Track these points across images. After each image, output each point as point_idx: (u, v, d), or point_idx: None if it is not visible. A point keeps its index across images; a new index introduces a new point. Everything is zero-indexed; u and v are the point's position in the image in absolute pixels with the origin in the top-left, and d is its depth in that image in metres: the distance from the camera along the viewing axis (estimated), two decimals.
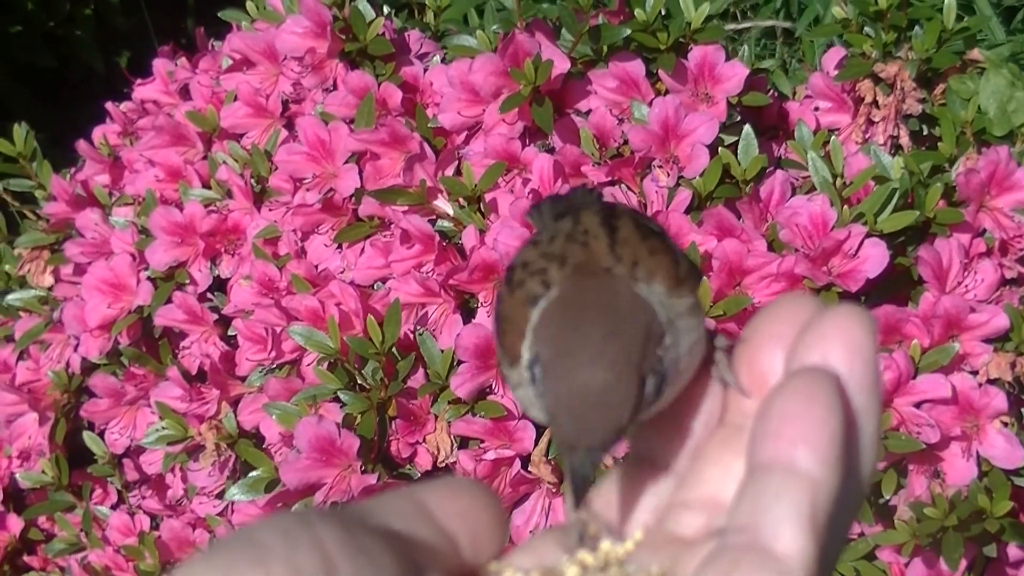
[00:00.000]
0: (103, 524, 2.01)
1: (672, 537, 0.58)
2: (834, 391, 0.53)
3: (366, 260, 1.81)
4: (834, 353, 0.54)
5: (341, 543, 0.50)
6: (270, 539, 0.50)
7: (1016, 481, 1.67)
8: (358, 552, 0.51)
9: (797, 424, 0.52)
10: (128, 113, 2.19)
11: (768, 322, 0.59)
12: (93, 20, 3.31)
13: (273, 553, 0.49)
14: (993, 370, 1.66)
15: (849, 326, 0.55)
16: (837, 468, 0.52)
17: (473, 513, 0.58)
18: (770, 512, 0.51)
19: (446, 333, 1.73)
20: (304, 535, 0.50)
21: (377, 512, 0.55)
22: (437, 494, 0.58)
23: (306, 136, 1.84)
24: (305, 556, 0.49)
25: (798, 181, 1.78)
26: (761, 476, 0.52)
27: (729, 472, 0.58)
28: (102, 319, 1.95)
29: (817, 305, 0.57)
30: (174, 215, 1.92)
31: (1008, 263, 1.71)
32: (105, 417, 1.99)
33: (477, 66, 1.78)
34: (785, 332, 0.57)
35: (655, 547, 0.58)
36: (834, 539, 0.54)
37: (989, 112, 1.78)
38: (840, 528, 0.55)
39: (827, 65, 1.88)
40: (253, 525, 0.51)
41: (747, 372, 0.59)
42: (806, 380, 0.53)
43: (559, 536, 0.61)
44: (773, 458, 0.52)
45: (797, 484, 0.51)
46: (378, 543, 0.52)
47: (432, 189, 1.77)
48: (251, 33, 2.00)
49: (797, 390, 0.53)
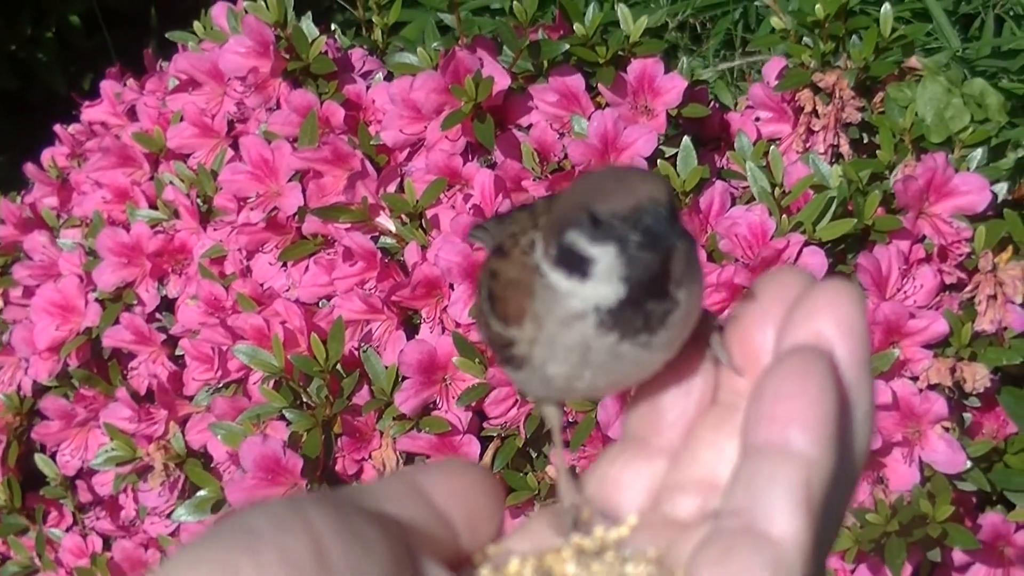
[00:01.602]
0: (56, 546, 2.01)
1: (667, 519, 0.58)
2: (827, 370, 0.53)
3: (310, 278, 1.81)
4: (825, 329, 0.54)
5: (333, 527, 0.50)
6: (261, 524, 0.50)
7: (958, 485, 1.68)
8: (350, 535, 0.51)
9: (791, 405, 0.52)
10: (76, 135, 2.19)
11: (757, 301, 0.58)
12: (55, 42, 3.31)
13: (264, 538, 0.49)
14: (933, 375, 1.67)
15: (838, 301, 0.55)
16: (832, 448, 0.52)
17: (470, 495, 0.58)
18: (765, 495, 0.52)
19: (390, 349, 1.73)
20: (295, 519, 0.50)
21: (372, 495, 0.55)
22: (434, 476, 0.58)
23: (249, 155, 1.85)
24: (296, 540, 0.49)
25: (738, 191, 1.78)
26: (755, 459, 0.53)
27: (722, 453, 0.58)
28: (51, 341, 1.95)
29: (806, 280, 0.57)
30: (121, 236, 1.92)
31: (947, 269, 1.72)
32: (57, 439, 1.99)
33: (419, 83, 1.79)
34: (776, 310, 0.57)
35: (651, 530, 0.58)
36: (830, 519, 0.54)
37: (927, 119, 1.79)
38: (837, 508, 0.55)
39: (768, 75, 1.89)
40: (245, 510, 0.51)
41: (740, 351, 0.59)
42: (799, 360, 0.53)
43: (552, 519, 0.61)
44: (767, 440, 0.53)
45: (792, 466, 0.52)
46: (371, 526, 0.52)
47: (374, 206, 1.77)
48: (196, 53, 2.00)
49: (790, 370, 0.53)
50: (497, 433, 1.71)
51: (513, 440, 1.69)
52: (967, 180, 1.74)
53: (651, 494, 0.61)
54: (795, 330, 0.55)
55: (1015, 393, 1.71)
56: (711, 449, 0.59)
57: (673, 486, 0.60)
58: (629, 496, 0.61)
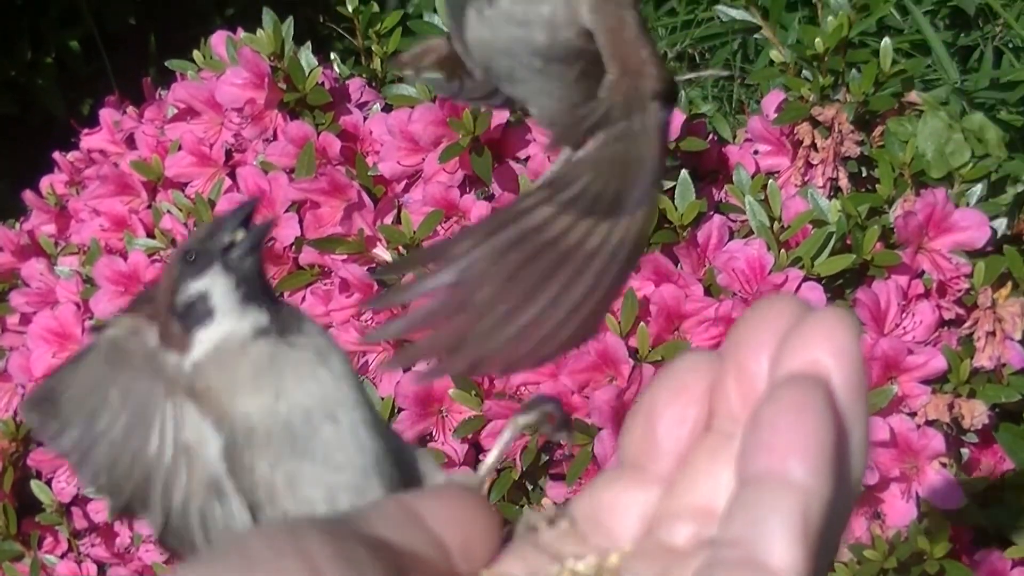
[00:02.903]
0: (51, 572, 2.00)
1: (663, 546, 0.57)
2: (824, 399, 0.51)
3: (307, 308, 1.80)
4: (820, 357, 0.53)
5: (328, 552, 0.50)
6: (256, 549, 0.49)
7: (955, 522, 1.67)
8: (345, 561, 0.50)
9: (788, 435, 0.51)
10: (75, 162, 2.19)
11: (752, 328, 0.57)
12: (55, 67, 3.31)
13: (261, 564, 0.48)
14: (931, 411, 1.66)
15: (833, 329, 0.53)
16: (829, 478, 0.51)
17: (465, 520, 0.58)
18: (763, 526, 0.50)
19: (386, 381, 1.73)
20: (290, 545, 0.49)
21: (366, 520, 0.54)
22: (429, 501, 0.57)
23: (246, 185, 1.85)
24: (292, 566, 0.48)
25: (736, 225, 1.78)
26: (753, 488, 0.52)
27: (719, 481, 0.56)
28: (47, 368, 1.94)
29: (800, 308, 0.55)
30: (118, 264, 1.92)
31: (946, 304, 1.71)
32: (52, 465, 1.98)
33: (416, 116, 1.79)
34: (770, 338, 0.55)
35: (646, 556, 0.57)
36: (827, 548, 0.53)
37: (927, 154, 1.79)
38: (832, 537, 0.54)
39: (767, 108, 1.89)
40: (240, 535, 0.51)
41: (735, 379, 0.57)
42: (795, 389, 0.52)
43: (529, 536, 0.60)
44: (765, 470, 0.51)
45: (790, 497, 0.51)
46: (366, 551, 0.51)
47: (371, 238, 1.77)
48: (195, 83, 2.00)
49: (787, 399, 0.52)
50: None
51: (509, 473, 1.69)
52: (967, 216, 1.73)
53: (646, 521, 0.60)
54: (790, 358, 0.54)
55: (1013, 430, 1.71)
56: (707, 477, 0.58)
57: (668, 513, 0.58)
58: (623, 522, 0.60)
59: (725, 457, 0.57)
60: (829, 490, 0.51)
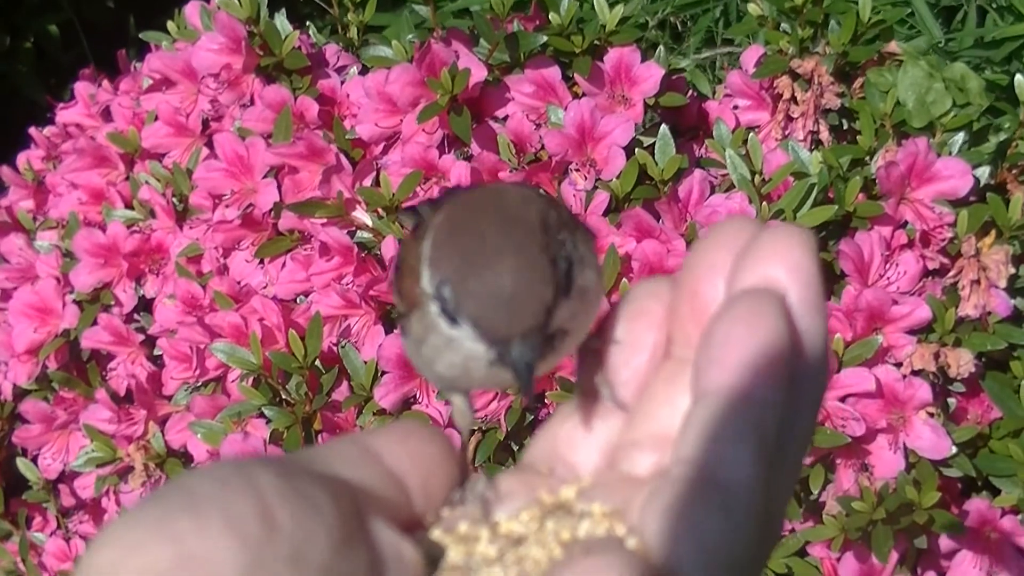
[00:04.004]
0: (40, 550, 1.99)
1: (624, 477, 0.57)
2: (778, 312, 0.51)
3: (287, 274, 1.80)
4: (776, 274, 0.53)
5: (279, 489, 0.49)
6: (206, 487, 0.48)
7: (944, 471, 1.66)
8: (296, 496, 0.49)
9: (741, 348, 0.51)
10: (52, 137, 2.18)
11: (706, 251, 0.56)
12: (33, 54, 3.29)
13: (208, 501, 0.47)
14: (917, 361, 1.66)
15: (789, 246, 0.53)
16: (784, 391, 0.51)
17: (425, 457, 0.57)
18: (715, 441, 0.50)
19: (368, 344, 1.72)
20: (241, 482, 0.48)
21: (320, 457, 0.54)
22: (385, 438, 0.56)
23: (224, 152, 1.84)
24: (241, 503, 0.47)
25: (717, 180, 1.77)
26: (705, 404, 0.51)
27: (677, 408, 0.56)
28: (29, 344, 1.94)
29: (755, 227, 0.55)
30: (97, 237, 1.91)
31: (930, 254, 1.70)
32: (37, 443, 1.97)
33: (394, 76, 1.77)
34: (724, 260, 0.55)
35: (608, 487, 0.56)
36: (785, 464, 0.53)
37: (908, 104, 1.78)
38: (792, 453, 0.54)
39: (746, 63, 1.87)
40: (189, 474, 0.50)
41: (689, 305, 0.56)
42: (749, 302, 0.52)
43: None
44: (717, 385, 0.51)
45: (742, 411, 0.50)
46: (319, 488, 0.50)
47: (350, 200, 1.76)
48: (169, 53, 1.99)
49: (739, 313, 0.52)
50: (478, 426, 1.70)
51: (494, 433, 1.68)
52: (949, 165, 1.72)
53: (606, 453, 0.60)
54: (745, 276, 0.53)
55: (999, 378, 1.70)
56: (666, 404, 0.57)
57: (628, 443, 0.58)
58: (583, 455, 0.60)
59: (683, 383, 0.56)
60: (783, 403, 0.51)
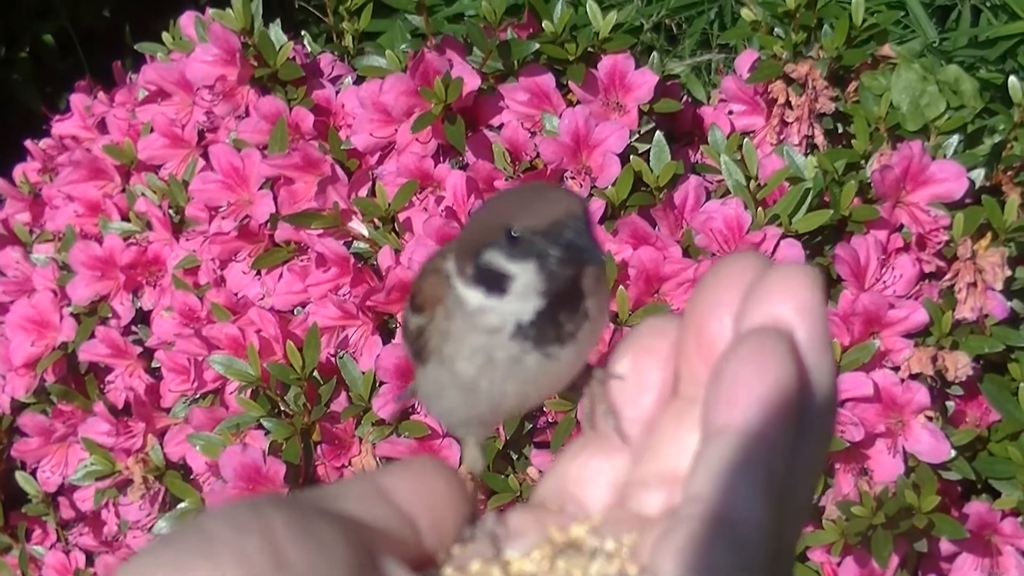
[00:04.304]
0: (40, 563, 1.99)
1: (634, 516, 0.57)
2: (786, 351, 0.52)
3: (284, 285, 1.79)
4: (783, 312, 0.53)
5: (290, 529, 0.49)
6: (219, 528, 0.49)
7: (943, 475, 1.66)
8: (308, 537, 0.50)
9: (750, 387, 0.51)
10: (47, 149, 2.17)
11: (712, 288, 0.57)
12: (29, 62, 3.29)
13: (222, 542, 0.48)
14: (915, 365, 1.66)
15: (795, 283, 0.53)
16: (793, 429, 0.51)
17: (434, 495, 0.57)
18: (725, 479, 0.50)
19: (366, 355, 1.72)
20: (253, 523, 0.49)
21: (332, 497, 0.54)
22: (397, 477, 0.57)
23: (220, 164, 1.83)
24: (254, 544, 0.48)
25: (713, 185, 1.77)
26: (715, 442, 0.52)
27: (685, 446, 0.56)
28: (27, 357, 1.94)
29: (762, 263, 0.55)
30: (94, 249, 1.91)
31: (926, 257, 1.70)
32: (36, 456, 1.97)
33: (388, 86, 1.77)
34: (731, 297, 0.55)
35: (618, 526, 0.57)
36: (795, 501, 0.53)
37: (902, 107, 1.78)
38: (801, 490, 0.54)
39: (740, 68, 1.87)
40: (203, 515, 0.50)
41: (695, 341, 0.57)
42: (757, 341, 0.52)
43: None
44: (727, 423, 0.51)
45: (752, 449, 0.51)
46: (330, 527, 0.51)
47: (346, 211, 1.76)
48: (165, 64, 1.99)
49: (748, 352, 0.52)
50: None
51: (493, 442, 1.68)
52: (944, 168, 1.72)
53: (615, 490, 0.60)
54: (752, 314, 0.54)
55: (997, 381, 1.70)
56: (674, 443, 0.58)
57: (638, 482, 0.59)
58: (593, 493, 0.61)
59: (691, 422, 0.56)
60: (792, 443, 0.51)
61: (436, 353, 0.67)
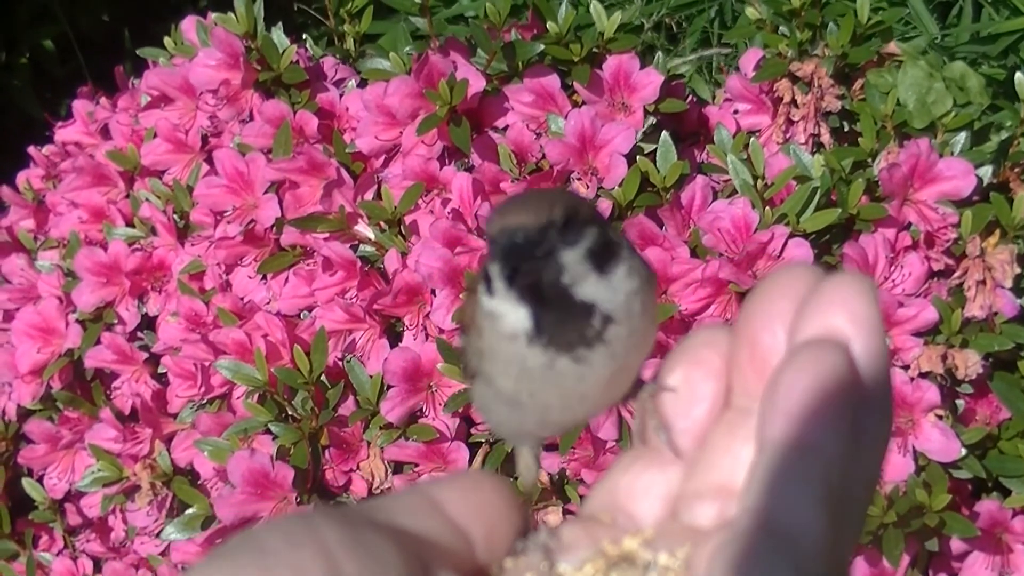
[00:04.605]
0: (47, 570, 1.99)
1: (687, 528, 0.57)
2: (843, 363, 0.51)
3: (290, 289, 1.79)
4: (838, 323, 0.53)
5: (344, 542, 0.50)
6: (273, 542, 0.49)
7: (954, 473, 1.66)
8: (362, 550, 0.50)
9: (806, 398, 0.51)
10: (51, 156, 2.17)
11: (765, 299, 0.56)
12: (29, 68, 3.28)
13: (276, 556, 0.49)
14: (924, 363, 1.65)
15: (850, 294, 0.53)
16: (849, 442, 0.51)
17: (487, 507, 0.57)
18: (781, 491, 0.50)
19: (374, 358, 1.71)
20: (307, 536, 0.49)
21: (384, 509, 0.54)
22: (449, 489, 0.57)
23: (224, 168, 1.83)
24: (308, 557, 0.49)
25: (719, 185, 1.77)
26: (771, 455, 0.51)
27: (738, 458, 0.56)
28: (33, 364, 1.93)
29: (815, 275, 0.55)
30: (99, 255, 1.90)
31: (934, 255, 1.70)
32: (43, 463, 1.96)
33: (392, 89, 1.77)
34: (784, 308, 0.55)
35: (671, 538, 0.56)
36: (851, 514, 0.53)
37: (908, 105, 1.77)
38: (858, 502, 0.54)
39: (745, 67, 1.87)
40: (257, 528, 0.51)
41: (747, 353, 0.56)
42: (813, 352, 0.52)
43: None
44: (783, 435, 0.51)
45: (808, 461, 0.50)
46: (384, 540, 0.51)
47: (352, 214, 1.75)
48: (167, 69, 1.98)
49: (804, 363, 0.51)
50: (485, 439, 1.69)
51: (502, 445, 1.67)
52: (951, 165, 1.72)
53: (667, 503, 0.60)
54: (807, 325, 0.53)
55: (1007, 378, 1.70)
56: (727, 455, 0.57)
57: (690, 494, 0.58)
58: (645, 505, 0.60)
59: (744, 434, 0.56)
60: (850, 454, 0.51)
61: (479, 371, 0.67)
